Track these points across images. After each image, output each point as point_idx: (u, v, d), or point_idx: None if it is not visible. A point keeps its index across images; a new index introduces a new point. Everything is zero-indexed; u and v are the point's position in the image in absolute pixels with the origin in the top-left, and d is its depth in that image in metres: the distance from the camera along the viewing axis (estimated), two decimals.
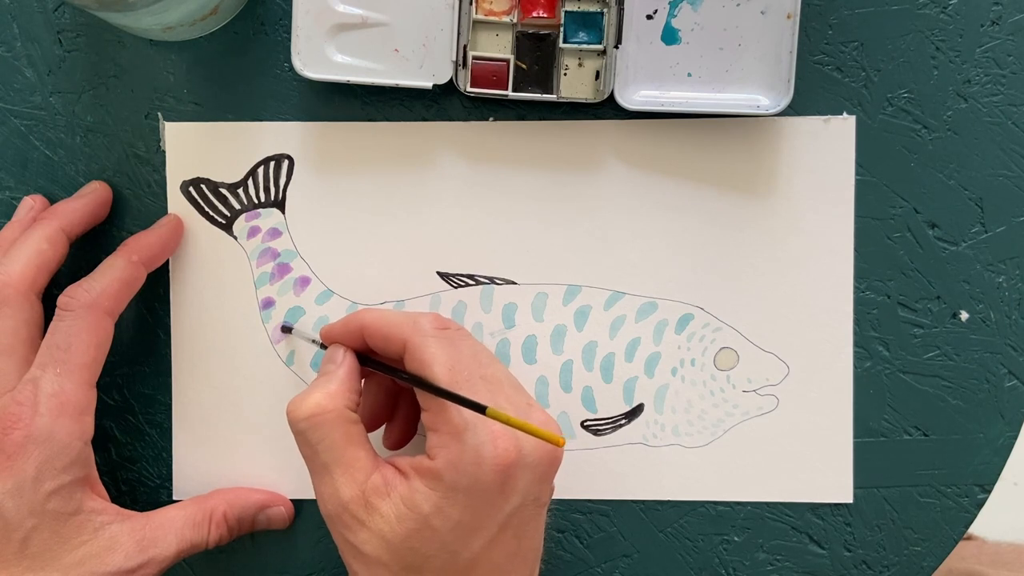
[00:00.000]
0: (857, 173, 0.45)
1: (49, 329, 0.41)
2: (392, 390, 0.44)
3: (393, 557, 0.38)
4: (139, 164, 0.46)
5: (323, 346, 0.43)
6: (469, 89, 0.44)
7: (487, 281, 0.46)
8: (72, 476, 0.40)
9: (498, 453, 0.37)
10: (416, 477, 0.38)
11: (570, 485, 0.46)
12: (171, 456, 0.47)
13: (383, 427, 0.45)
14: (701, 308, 0.46)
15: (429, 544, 0.38)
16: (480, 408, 0.36)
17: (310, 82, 0.45)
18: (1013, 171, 0.45)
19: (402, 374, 0.40)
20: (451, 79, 0.44)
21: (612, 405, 0.46)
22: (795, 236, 0.45)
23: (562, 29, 0.44)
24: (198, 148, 0.46)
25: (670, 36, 0.44)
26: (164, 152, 0.46)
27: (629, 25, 0.43)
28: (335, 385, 0.40)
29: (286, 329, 0.46)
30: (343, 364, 0.41)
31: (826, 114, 0.45)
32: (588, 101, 0.44)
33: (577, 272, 0.46)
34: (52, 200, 0.46)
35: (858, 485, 0.46)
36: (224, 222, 0.46)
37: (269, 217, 0.46)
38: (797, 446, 0.46)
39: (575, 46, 0.44)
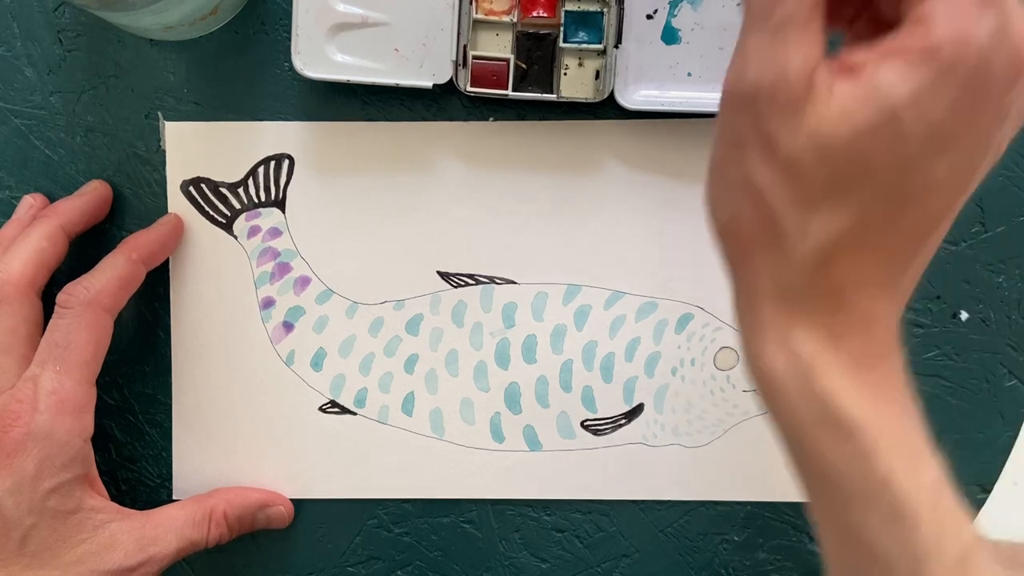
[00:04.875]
0: None
1: (48, 327, 0.41)
2: None
3: (819, 162, 0.27)
4: (139, 164, 0.46)
5: None
6: (469, 89, 0.44)
7: (487, 281, 0.46)
8: (72, 474, 0.40)
9: None
10: (897, 55, 0.27)
11: (570, 485, 0.46)
12: (171, 456, 0.47)
13: None
14: (701, 308, 0.46)
15: (882, 151, 0.27)
16: None
17: (310, 82, 0.45)
18: (1013, 171, 0.45)
19: None
20: (451, 79, 0.44)
21: (612, 405, 0.46)
22: None
23: (562, 29, 0.44)
24: (198, 148, 0.46)
25: (670, 36, 0.44)
26: (164, 152, 0.46)
27: (629, 25, 0.43)
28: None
29: None
30: None
31: None
32: (588, 101, 0.44)
33: (577, 272, 0.46)
34: (52, 200, 0.46)
35: None
36: (224, 222, 0.46)
37: (269, 217, 0.46)
38: None
39: (575, 46, 0.44)
